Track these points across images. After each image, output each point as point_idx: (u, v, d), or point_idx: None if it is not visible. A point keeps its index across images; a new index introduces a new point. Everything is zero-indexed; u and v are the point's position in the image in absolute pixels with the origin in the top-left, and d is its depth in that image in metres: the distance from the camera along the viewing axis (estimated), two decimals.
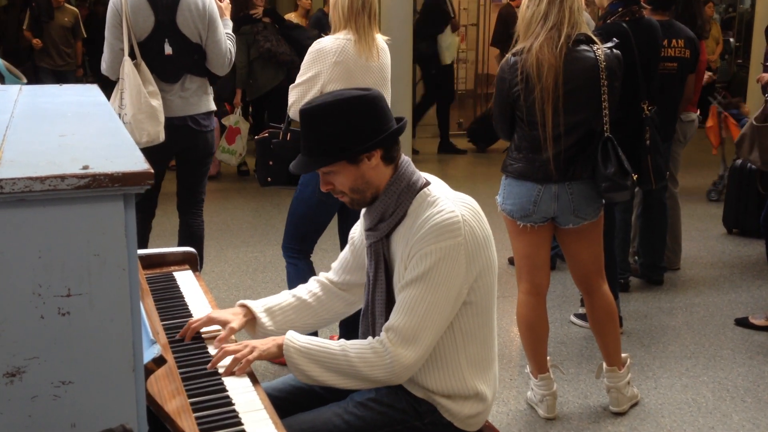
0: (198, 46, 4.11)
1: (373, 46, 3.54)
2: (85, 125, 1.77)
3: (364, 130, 2.02)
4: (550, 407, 3.44)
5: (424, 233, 1.99)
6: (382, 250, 2.11)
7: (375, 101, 2.04)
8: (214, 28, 4.10)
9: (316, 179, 3.58)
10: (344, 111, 2.02)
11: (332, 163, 2.04)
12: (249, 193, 7.75)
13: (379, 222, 2.11)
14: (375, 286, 2.14)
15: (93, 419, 1.32)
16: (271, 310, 2.27)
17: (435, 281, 1.97)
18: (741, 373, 3.91)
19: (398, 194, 2.07)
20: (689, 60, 4.72)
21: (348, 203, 2.14)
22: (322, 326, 2.50)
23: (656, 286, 5.13)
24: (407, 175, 2.09)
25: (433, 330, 1.99)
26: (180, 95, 4.11)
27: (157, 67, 4.03)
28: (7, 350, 1.27)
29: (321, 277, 2.39)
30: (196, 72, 4.15)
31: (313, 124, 2.04)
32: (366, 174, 2.06)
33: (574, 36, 3.14)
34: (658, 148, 4.00)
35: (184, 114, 4.12)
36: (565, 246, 3.42)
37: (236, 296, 4.87)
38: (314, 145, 2.05)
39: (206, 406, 1.79)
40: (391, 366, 1.98)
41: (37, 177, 1.21)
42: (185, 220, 4.36)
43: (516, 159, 3.30)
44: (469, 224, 2.01)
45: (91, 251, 1.27)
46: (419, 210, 2.04)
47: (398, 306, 2.02)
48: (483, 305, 2.09)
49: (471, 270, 2.02)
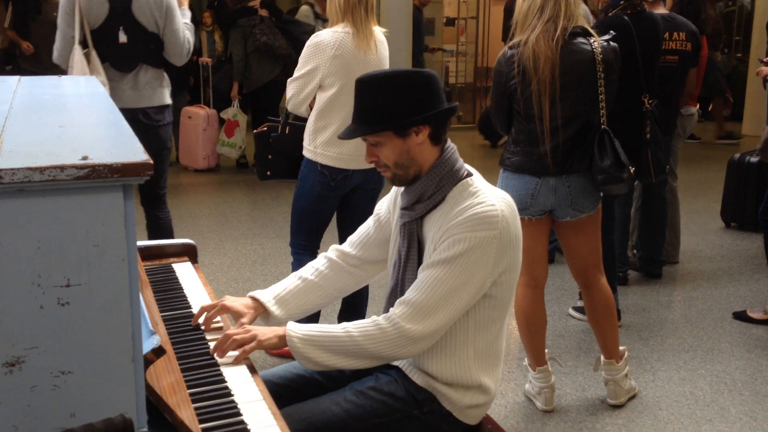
0: (154, 36, 4.05)
1: (371, 39, 3.54)
2: (85, 116, 1.78)
3: (416, 104, 2.05)
4: (548, 400, 3.45)
5: (462, 220, 2.01)
6: (416, 231, 2.13)
7: (430, 79, 2.08)
8: (171, 17, 4.05)
9: (315, 174, 3.61)
10: (399, 83, 2.06)
11: (380, 131, 2.07)
12: (248, 186, 7.75)
13: (417, 202, 2.13)
14: (406, 265, 2.16)
15: (92, 409, 1.32)
16: (283, 299, 2.27)
17: (462, 267, 1.99)
18: (739, 367, 3.92)
19: (440, 178, 2.09)
20: (690, 53, 4.71)
21: (389, 179, 2.16)
22: (332, 302, 2.49)
23: (655, 279, 5.13)
24: (451, 162, 2.11)
25: (447, 313, 2.00)
26: (132, 86, 4.05)
27: (111, 56, 3.97)
28: (6, 340, 1.27)
29: (331, 253, 2.38)
30: (152, 62, 4.09)
31: (367, 93, 2.08)
32: (412, 149, 2.08)
33: (570, 28, 3.14)
34: (658, 142, 3.99)
35: (135, 106, 4.04)
36: (563, 239, 3.42)
37: (235, 288, 4.88)
38: (365, 114, 2.08)
39: (205, 397, 1.79)
40: (396, 339, 1.99)
41: (36, 167, 1.21)
42: (151, 213, 4.34)
43: (513, 152, 3.30)
44: (506, 220, 2.03)
45: (91, 242, 1.27)
46: (459, 198, 2.07)
47: (418, 282, 2.03)
48: (501, 301, 2.11)
49: (498, 265, 2.04)
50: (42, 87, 2.13)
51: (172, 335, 2.10)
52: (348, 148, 3.48)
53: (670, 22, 4.58)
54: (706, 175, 7.76)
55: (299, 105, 3.57)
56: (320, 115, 3.54)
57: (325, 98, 3.52)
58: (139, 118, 4.05)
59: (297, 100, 3.56)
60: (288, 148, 3.78)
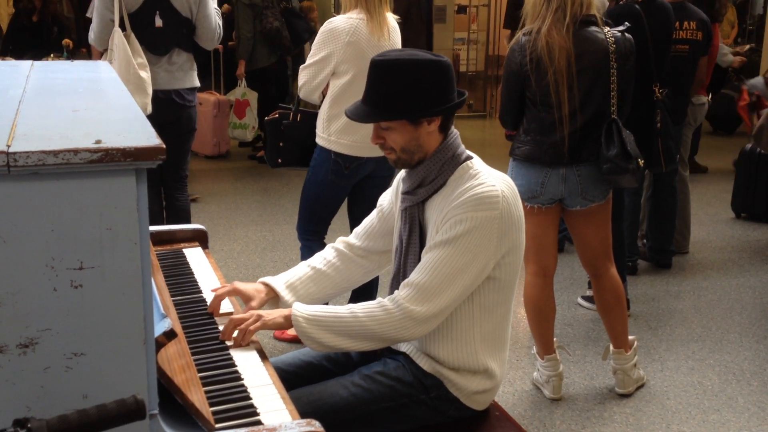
0: (188, 20, 4.16)
1: (384, 26, 3.53)
2: (98, 101, 1.79)
3: (433, 95, 2.04)
4: (556, 388, 3.46)
5: (463, 201, 2.01)
6: (418, 215, 2.14)
7: (447, 69, 2.06)
8: (205, 3, 4.16)
9: (328, 162, 3.61)
10: (418, 71, 2.03)
11: (395, 119, 2.06)
12: (258, 172, 7.76)
13: (419, 186, 2.13)
14: (408, 249, 2.16)
15: (104, 390, 1.34)
16: (293, 285, 2.29)
17: (464, 247, 1.99)
18: (747, 357, 3.91)
19: (443, 163, 2.10)
20: (701, 42, 4.68)
21: (392, 161, 2.16)
22: (341, 293, 2.51)
23: (664, 269, 5.13)
24: (454, 147, 2.12)
25: (451, 294, 2.00)
26: (166, 69, 4.17)
27: (147, 40, 4.07)
28: (20, 322, 1.29)
29: (338, 244, 2.40)
30: (184, 46, 4.20)
31: (385, 77, 2.05)
32: (421, 137, 2.08)
33: (580, 15, 3.13)
34: (668, 132, 3.98)
35: (169, 88, 4.18)
36: (573, 228, 3.42)
37: (244, 274, 4.90)
38: (380, 98, 2.06)
39: (215, 381, 1.80)
40: (401, 321, 2.00)
41: (50, 151, 1.22)
42: (171, 195, 4.40)
43: (524, 142, 3.29)
44: (507, 201, 2.04)
45: (104, 225, 1.28)
46: (460, 181, 2.07)
47: (422, 264, 2.04)
48: (505, 283, 2.11)
49: (501, 245, 2.04)
50: (55, 72, 2.14)
51: (183, 319, 2.12)
52: (361, 135, 3.48)
53: (681, 11, 4.56)
54: (717, 165, 7.73)
55: (312, 92, 3.57)
56: (334, 102, 3.54)
57: (339, 85, 3.51)
58: (173, 98, 4.19)
59: (310, 87, 3.56)
60: (299, 136, 3.78)
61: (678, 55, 4.55)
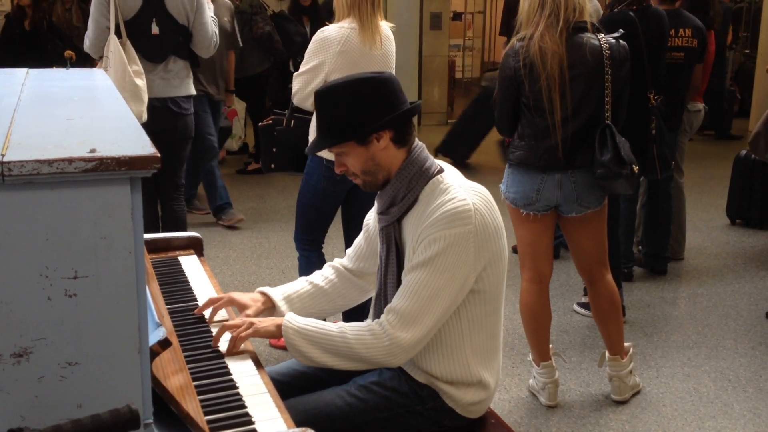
0: (184, 28, 4.16)
1: (377, 35, 3.53)
2: (92, 109, 1.78)
3: (373, 111, 2.02)
4: (552, 395, 3.46)
5: (435, 219, 1.99)
6: (394, 234, 2.12)
7: (386, 83, 2.04)
8: (201, 10, 4.17)
9: (320, 168, 3.61)
10: (354, 92, 2.03)
11: (341, 143, 2.06)
12: (253, 179, 7.75)
13: (390, 206, 2.11)
14: (387, 269, 2.16)
15: (99, 400, 1.33)
16: (290, 298, 2.29)
17: (441, 267, 1.97)
18: (743, 364, 3.92)
19: (409, 179, 2.07)
20: (696, 49, 4.69)
21: (361, 185, 2.15)
22: (337, 312, 2.52)
23: (660, 276, 5.13)
24: (420, 161, 2.09)
25: (434, 315, 2.00)
26: (162, 76, 4.16)
27: (143, 47, 4.06)
28: (14, 331, 1.28)
29: (336, 263, 2.41)
30: (181, 54, 4.20)
31: (325, 105, 2.07)
32: (376, 156, 2.07)
33: (573, 21, 3.14)
34: (664, 138, 3.99)
35: (165, 95, 4.18)
36: (569, 235, 3.42)
37: (240, 282, 4.89)
38: (325, 125, 2.07)
39: (210, 389, 1.80)
40: (389, 348, 1.99)
41: (44, 160, 1.22)
42: (167, 204, 4.39)
43: (518, 147, 3.30)
44: (480, 213, 2.01)
45: (98, 234, 1.28)
46: (431, 197, 2.05)
47: (402, 289, 2.03)
48: (491, 294, 2.10)
49: (479, 259, 2.02)
50: (50, 80, 2.14)
51: (178, 328, 2.11)
52: None
53: (675, 19, 4.56)
54: (712, 171, 7.74)
55: (305, 99, 3.58)
56: None
57: None
58: (169, 106, 4.19)
59: (303, 95, 3.57)
60: (292, 142, 3.79)
61: (673, 62, 4.56)
